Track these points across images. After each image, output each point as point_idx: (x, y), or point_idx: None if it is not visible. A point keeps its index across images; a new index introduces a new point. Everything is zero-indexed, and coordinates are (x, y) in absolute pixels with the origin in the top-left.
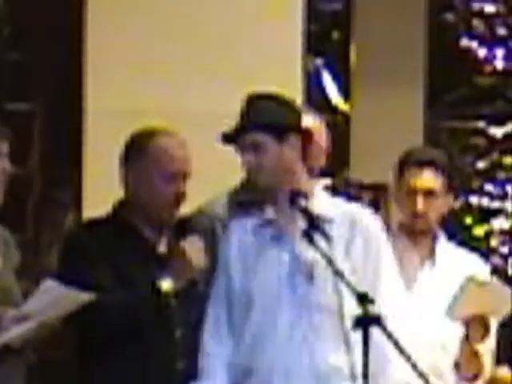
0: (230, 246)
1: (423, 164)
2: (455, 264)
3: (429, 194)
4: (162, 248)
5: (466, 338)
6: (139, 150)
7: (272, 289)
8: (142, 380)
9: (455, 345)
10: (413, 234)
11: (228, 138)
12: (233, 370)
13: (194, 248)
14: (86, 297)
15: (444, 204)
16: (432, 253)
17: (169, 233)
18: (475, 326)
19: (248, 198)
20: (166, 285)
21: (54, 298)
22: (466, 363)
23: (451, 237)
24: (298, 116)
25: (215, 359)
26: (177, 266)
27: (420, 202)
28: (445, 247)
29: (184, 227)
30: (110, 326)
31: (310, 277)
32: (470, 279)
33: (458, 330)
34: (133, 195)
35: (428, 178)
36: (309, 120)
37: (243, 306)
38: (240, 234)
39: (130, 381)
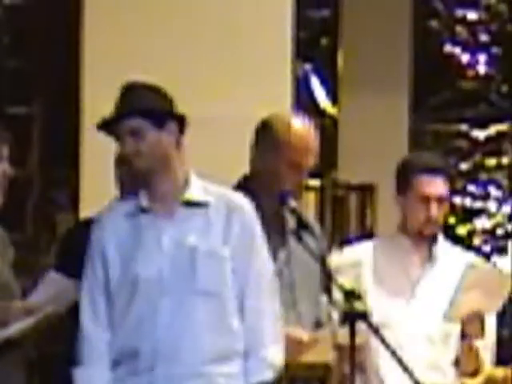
0: (104, 233)
1: (435, 172)
2: (454, 262)
3: (440, 200)
4: None
5: (464, 335)
6: None
7: (153, 276)
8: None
9: (456, 340)
10: (416, 237)
11: (106, 125)
12: (115, 352)
13: None
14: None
15: (447, 207)
16: (432, 253)
17: None
18: (473, 323)
19: None
20: None
21: (58, 289)
22: (466, 360)
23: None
24: (173, 104)
25: (95, 343)
26: None
27: (434, 209)
28: (443, 247)
29: None
30: None
31: (191, 263)
32: (471, 266)
33: (458, 327)
34: (125, 195)
35: (440, 186)
36: (299, 122)
37: (126, 293)
38: (114, 221)
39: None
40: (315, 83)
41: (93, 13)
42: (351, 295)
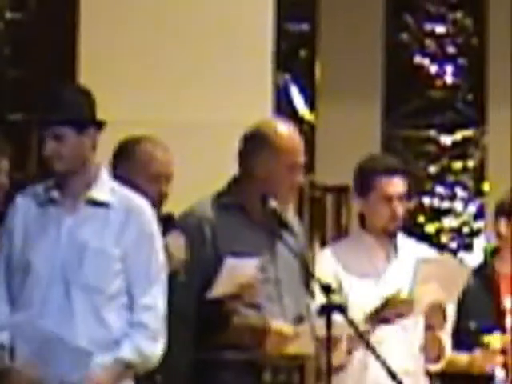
0: (16, 214)
1: (394, 172)
2: (414, 254)
3: (401, 198)
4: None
5: (428, 326)
6: (126, 155)
7: (46, 263)
8: None
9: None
10: (380, 233)
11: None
12: (13, 328)
13: (175, 243)
14: None
15: (407, 204)
16: (395, 247)
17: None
18: (435, 315)
19: (230, 201)
20: None
21: None
22: (430, 348)
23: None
24: (95, 108)
25: None
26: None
27: (397, 207)
28: (403, 241)
29: (168, 224)
30: None
31: (80, 258)
32: (422, 260)
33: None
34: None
35: (400, 185)
36: (281, 126)
37: (19, 276)
38: (26, 205)
39: None
40: (294, 92)
41: (87, 28)
42: (328, 289)
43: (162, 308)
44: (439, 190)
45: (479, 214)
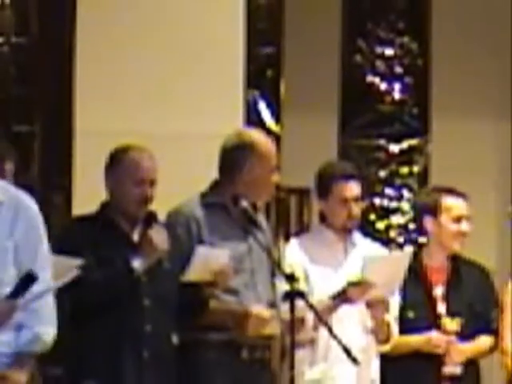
0: None
1: (349, 177)
2: (366, 249)
3: (357, 199)
4: (135, 237)
5: (372, 316)
6: (116, 161)
7: None
8: (118, 338)
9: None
10: (339, 230)
11: None
12: None
13: (158, 235)
14: (77, 262)
15: (361, 205)
16: (352, 242)
17: (140, 225)
18: (377, 308)
19: (212, 201)
20: (137, 264)
21: (59, 264)
22: (380, 333)
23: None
24: None
25: None
26: (146, 249)
27: (354, 208)
28: (358, 238)
29: (151, 220)
30: (93, 296)
31: None
32: (368, 259)
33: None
34: (112, 197)
35: (355, 188)
36: (261, 137)
37: None
38: None
39: (108, 338)
40: (262, 106)
41: (82, 51)
42: (291, 278)
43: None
44: (388, 191)
45: None
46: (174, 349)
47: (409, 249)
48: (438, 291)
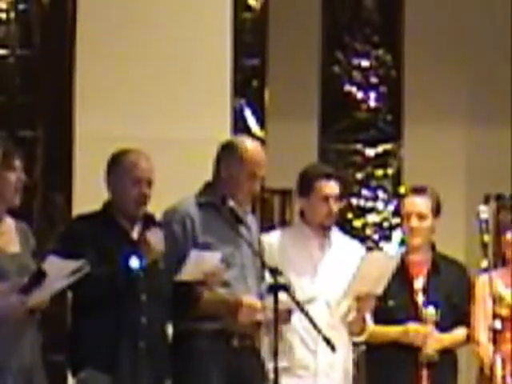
0: None
1: (330, 177)
2: (343, 246)
3: (336, 198)
4: (135, 235)
5: (358, 309)
6: (116, 163)
7: None
8: (117, 329)
9: (344, 305)
10: (317, 227)
11: None
12: None
13: (155, 237)
14: (78, 264)
15: (340, 204)
16: (329, 239)
17: (139, 224)
18: (366, 302)
19: (205, 201)
20: (135, 262)
21: (58, 266)
22: (357, 324)
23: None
24: None
25: None
26: (143, 249)
27: (333, 206)
28: (336, 234)
29: (149, 221)
30: (94, 290)
31: None
32: (364, 257)
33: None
34: (113, 196)
35: (335, 187)
36: (247, 144)
37: None
38: None
39: (107, 329)
40: (248, 114)
41: (82, 61)
42: (275, 272)
43: None
44: (364, 192)
45: (396, 212)
46: (168, 339)
47: (396, 254)
48: (419, 283)
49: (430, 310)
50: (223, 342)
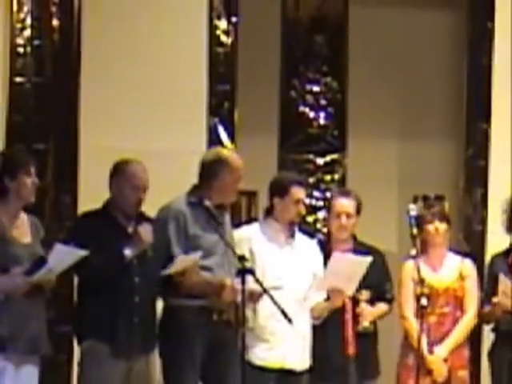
0: None
1: (301, 183)
2: (302, 241)
3: (304, 201)
4: (130, 229)
5: (328, 298)
6: (117, 171)
7: None
8: (114, 307)
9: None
10: (286, 224)
11: None
12: None
13: (145, 231)
14: (82, 252)
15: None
16: (293, 234)
17: (134, 221)
18: (336, 297)
19: (194, 200)
20: (128, 252)
21: (63, 253)
22: (317, 311)
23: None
24: None
25: None
26: (135, 242)
27: (302, 208)
28: (299, 235)
29: (141, 218)
30: (95, 275)
31: None
32: (336, 255)
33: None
34: (113, 197)
35: (303, 192)
36: (233, 154)
37: None
38: None
39: (107, 306)
40: (221, 130)
41: (85, 88)
42: (242, 258)
43: None
44: (315, 193)
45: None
46: (157, 315)
47: (369, 258)
48: None
49: (362, 292)
50: (205, 317)
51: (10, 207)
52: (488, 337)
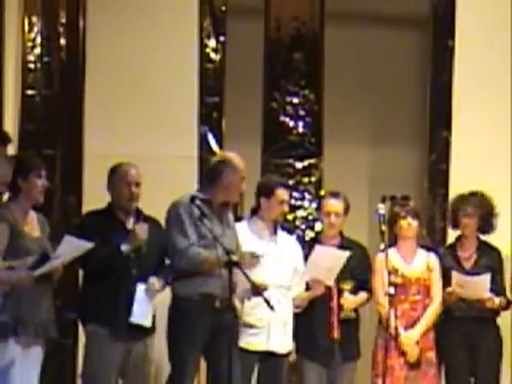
0: None
1: (286, 186)
2: (284, 236)
3: (288, 202)
4: (129, 226)
5: (308, 288)
6: (114, 172)
7: None
8: (114, 295)
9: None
10: (269, 221)
11: None
12: None
13: (141, 230)
14: (89, 245)
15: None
16: (276, 230)
17: (132, 217)
18: (316, 287)
19: (201, 197)
20: (125, 247)
21: (72, 244)
22: (298, 301)
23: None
24: None
25: None
26: (131, 238)
27: (286, 208)
28: (281, 232)
29: (139, 215)
30: (97, 266)
31: None
32: (317, 249)
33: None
34: (112, 196)
35: (287, 194)
36: (236, 157)
37: None
38: None
39: (108, 295)
40: (210, 137)
41: (89, 100)
42: (229, 252)
43: None
44: (295, 194)
45: (318, 208)
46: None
47: (347, 252)
48: None
49: (346, 283)
50: (208, 304)
51: (21, 205)
52: None
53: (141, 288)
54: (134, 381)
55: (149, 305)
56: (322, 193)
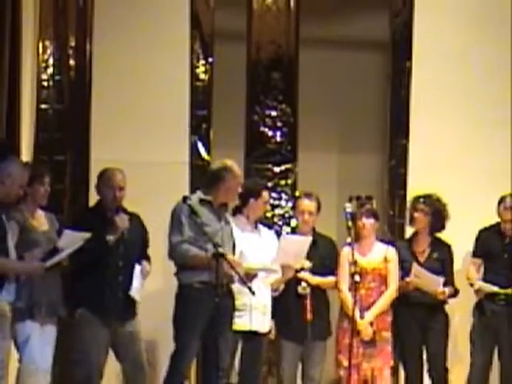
0: None
1: (268, 189)
2: (265, 231)
3: (269, 202)
4: (118, 220)
5: (283, 275)
6: (101, 176)
7: None
8: (102, 284)
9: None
10: (253, 220)
11: None
12: None
13: (120, 219)
14: (86, 235)
15: None
16: (256, 226)
17: (118, 213)
18: (287, 271)
19: (204, 198)
20: (110, 237)
21: (71, 237)
22: (275, 285)
23: None
24: None
25: None
26: (113, 228)
27: (267, 207)
28: (263, 228)
29: (119, 210)
30: (86, 256)
31: None
32: (283, 238)
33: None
34: (100, 197)
35: (269, 195)
36: (234, 164)
37: None
38: None
39: (96, 284)
40: (200, 145)
41: (95, 112)
42: (217, 245)
43: None
44: (273, 195)
45: (293, 207)
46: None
47: (309, 237)
48: None
49: (306, 263)
50: (209, 291)
51: (28, 206)
52: None
53: (137, 268)
54: (126, 356)
55: (141, 282)
56: (297, 194)
